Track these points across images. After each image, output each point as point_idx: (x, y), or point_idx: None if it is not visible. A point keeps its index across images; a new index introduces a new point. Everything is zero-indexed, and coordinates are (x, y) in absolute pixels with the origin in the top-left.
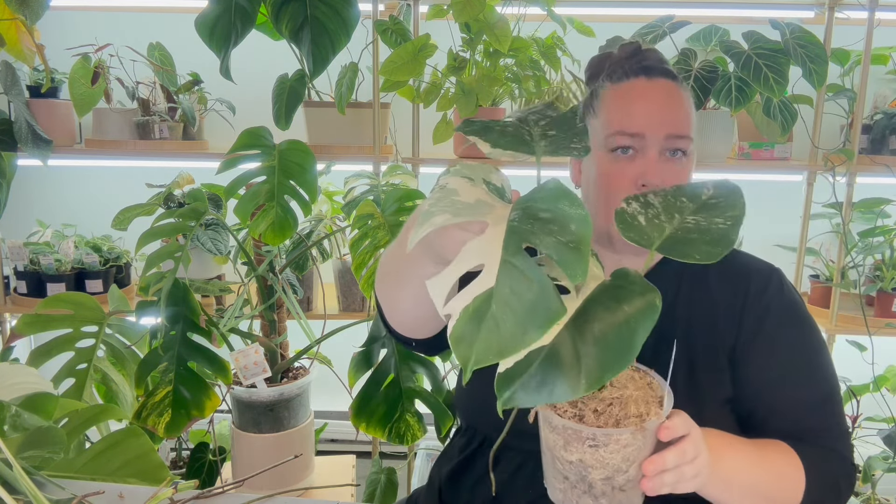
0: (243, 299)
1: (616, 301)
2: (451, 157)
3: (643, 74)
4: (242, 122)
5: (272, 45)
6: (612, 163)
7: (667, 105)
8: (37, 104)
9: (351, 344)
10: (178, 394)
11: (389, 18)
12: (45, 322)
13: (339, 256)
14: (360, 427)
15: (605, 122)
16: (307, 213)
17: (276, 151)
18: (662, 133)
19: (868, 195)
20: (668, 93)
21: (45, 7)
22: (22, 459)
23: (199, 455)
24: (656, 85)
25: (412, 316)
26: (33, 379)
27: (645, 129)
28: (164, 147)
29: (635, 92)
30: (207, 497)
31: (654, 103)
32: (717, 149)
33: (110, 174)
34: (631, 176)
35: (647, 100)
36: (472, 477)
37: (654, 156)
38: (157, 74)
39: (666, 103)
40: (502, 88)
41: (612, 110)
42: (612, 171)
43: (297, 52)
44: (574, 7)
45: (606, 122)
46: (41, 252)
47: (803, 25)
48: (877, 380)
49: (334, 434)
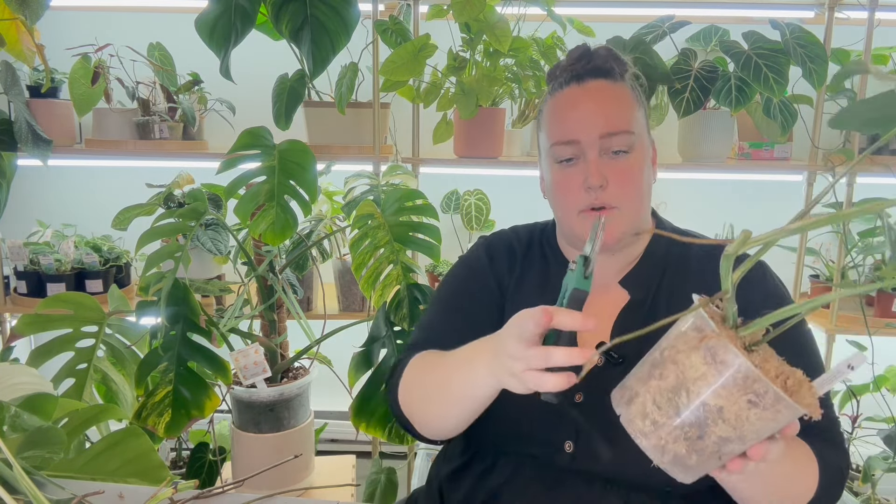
0: (243, 299)
1: None
2: (450, 157)
3: (574, 81)
4: (242, 122)
5: (272, 45)
6: (559, 172)
7: (597, 106)
8: (37, 104)
9: (351, 344)
10: (178, 394)
11: (389, 18)
12: (45, 322)
13: (339, 256)
14: (360, 427)
15: (547, 134)
16: (307, 213)
17: (276, 151)
18: (596, 134)
19: (868, 195)
20: (600, 93)
21: (45, 7)
22: (22, 459)
23: (199, 455)
24: (586, 88)
25: (454, 424)
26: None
27: (578, 134)
28: (164, 147)
29: (567, 100)
30: (207, 497)
31: (584, 107)
32: (717, 149)
33: (110, 174)
34: (577, 181)
35: (577, 106)
36: (472, 477)
37: (593, 158)
38: (157, 74)
39: (597, 104)
40: (502, 88)
41: (549, 123)
42: (561, 180)
43: (297, 52)
44: (574, 7)
45: (547, 135)
46: (41, 252)
47: (803, 25)
48: (877, 380)
49: (334, 434)
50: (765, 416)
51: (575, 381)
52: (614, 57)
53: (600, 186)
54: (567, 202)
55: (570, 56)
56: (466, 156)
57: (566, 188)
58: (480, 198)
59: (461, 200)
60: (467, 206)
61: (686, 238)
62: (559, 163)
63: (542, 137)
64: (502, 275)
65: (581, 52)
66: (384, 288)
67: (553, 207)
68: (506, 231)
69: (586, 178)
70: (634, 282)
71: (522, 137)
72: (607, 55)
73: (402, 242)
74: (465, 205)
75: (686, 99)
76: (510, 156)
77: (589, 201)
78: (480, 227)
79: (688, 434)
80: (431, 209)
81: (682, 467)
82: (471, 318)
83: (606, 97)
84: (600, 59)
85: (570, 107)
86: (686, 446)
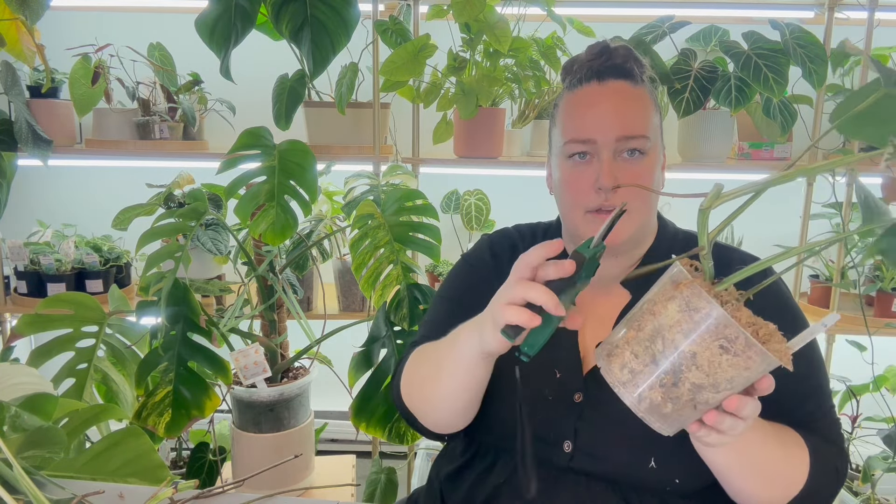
0: (243, 299)
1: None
2: (450, 157)
3: (595, 79)
4: (242, 122)
5: (272, 45)
6: (570, 169)
7: (617, 108)
8: (37, 104)
9: (351, 344)
10: (179, 394)
11: (389, 18)
12: (46, 322)
13: (339, 256)
14: (360, 427)
15: (562, 131)
16: (307, 213)
17: (276, 151)
18: (612, 136)
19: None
20: (620, 94)
21: (45, 7)
22: (22, 459)
23: (199, 455)
24: (607, 88)
25: (452, 410)
26: (33, 379)
27: (595, 134)
28: (164, 147)
29: (586, 98)
30: (207, 497)
31: (603, 108)
32: (717, 149)
33: (110, 174)
34: (588, 180)
35: (597, 105)
36: (472, 477)
37: (607, 158)
38: (157, 74)
39: (616, 106)
40: (502, 88)
41: (566, 119)
42: (571, 178)
43: (297, 52)
44: (574, 7)
45: (562, 131)
46: (41, 252)
47: (803, 25)
48: (876, 380)
49: (334, 434)
50: (736, 362)
51: (537, 323)
52: (634, 58)
53: (612, 188)
54: (575, 200)
55: (589, 51)
56: (466, 156)
57: (576, 187)
58: (480, 198)
59: (461, 200)
60: (467, 207)
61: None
62: (570, 158)
63: (555, 133)
64: (504, 273)
65: (601, 48)
66: (384, 288)
67: (560, 205)
68: (509, 229)
69: (598, 178)
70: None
71: (522, 137)
72: (627, 55)
73: (402, 242)
74: (465, 205)
75: (686, 99)
76: (510, 156)
77: (598, 202)
78: (480, 227)
79: (663, 381)
80: (431, 209)
81: (659, 416)
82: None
83: (627, 99)
84: (620, 58)
85: (589, 105)
86: (662, 394)
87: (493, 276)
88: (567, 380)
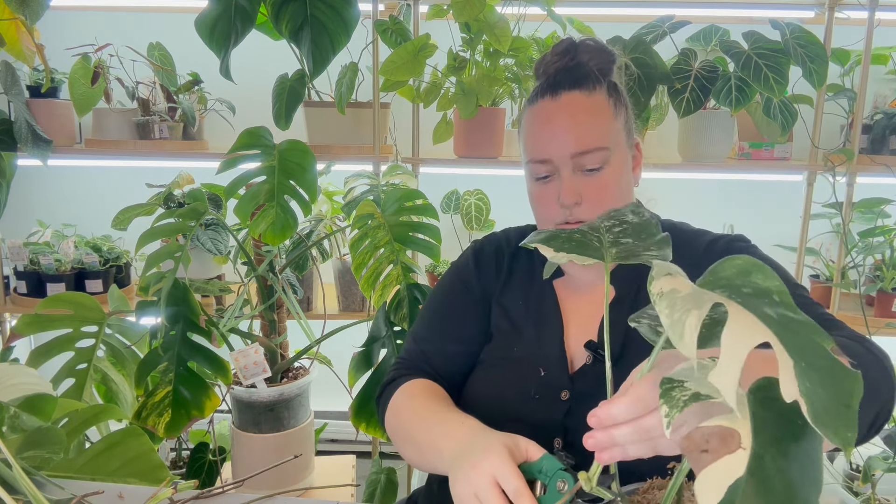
0: (243, 299)
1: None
2: (450, 157)
3: (549, 93)
4: (242, 122)
5: (272, 45)
6: (537, 186)
7: (569, 124)
8: (37, 104)
9: (351, 344)
10: (178, 394)
11: (389, 18)
12: (45, 322)
13: (339, 256)
14: (360, 427)
15: (524, 149)
16: (307, 213)
17: (276, 151)
18: (567, 153)
19: (868, 195)
20: (572, 108)
21: (45, 7)
22: (22, 459)
23: (199, 455)
24: (560, 103)
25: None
26: (33, 379)
27: (550, 153)
28: (164, 147)
29: (540, 116)
30: (207, 497)
31: (556, 125)
32: (717, 149)
33: (110, 174)
34: (552, 196)
35: (550, 123)
36: None
37: (567, 175)
38: (157, 74)
39: (568, 122)
40: (502, 88)
41: (526, 138)
42: (538, 195)
43: (297, 52)
44: (574, 7)
45: (524, 150)
46: (41, 252)
47: (803, 25)
48: None
49: (334, 434)
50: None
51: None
52: (600, 49)
53: (575, 204)
54: (544, 216)
55: (554, 51)
56: (466, 156)
57: (543, 203)
58: (480, 198)
59: (461, 200)
60: (467, 206)
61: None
62: (536, 179)
63: (521, 149)
64: (489, 281)
65: (565, 47)
66: (384, 288)
67: (534, 217)
68: (497, 234)
69: (559, 195)
70: (619, 278)
71: None
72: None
73: (402, 242)
74: (465, 205)
75: (686, 99)
76: (510, 156)
77: (564, 217)
78: (480, 227)
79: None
80: (431, 209)
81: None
82: (457, 328)
83: (579, 112)
84: (587, 54)
85: (543, 122)
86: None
87: (476, 287)
88: (552, 378)
